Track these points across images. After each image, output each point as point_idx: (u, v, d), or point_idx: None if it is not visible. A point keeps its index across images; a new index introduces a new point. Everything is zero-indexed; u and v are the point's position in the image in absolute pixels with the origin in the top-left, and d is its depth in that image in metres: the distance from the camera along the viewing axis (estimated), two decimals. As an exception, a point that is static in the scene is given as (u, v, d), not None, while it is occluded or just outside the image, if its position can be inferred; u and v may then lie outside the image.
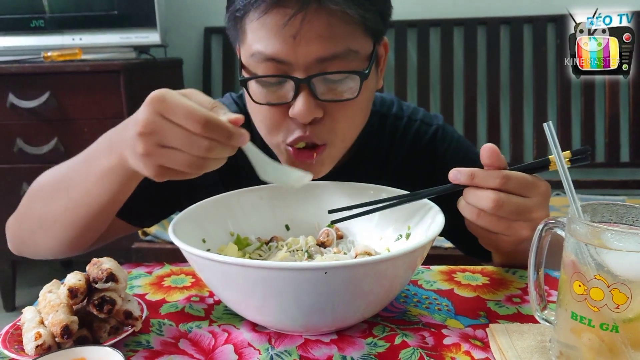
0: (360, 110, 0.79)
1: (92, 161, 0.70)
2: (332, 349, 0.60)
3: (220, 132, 0.56)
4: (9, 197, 2.09)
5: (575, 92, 2.29)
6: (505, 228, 0.64)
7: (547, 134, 0.55)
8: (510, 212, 0.63)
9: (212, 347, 0.61)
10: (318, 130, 0.75)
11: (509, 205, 0.62)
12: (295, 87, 0.71)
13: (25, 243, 0.84)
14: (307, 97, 0.71)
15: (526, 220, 0.64)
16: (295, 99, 0.72)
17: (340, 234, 0.81)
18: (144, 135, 0.57)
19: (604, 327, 0.49)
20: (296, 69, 0.71)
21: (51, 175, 0.80)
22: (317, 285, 0.56)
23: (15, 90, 2.01)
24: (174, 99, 0.56)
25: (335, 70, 0.72)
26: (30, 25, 2.18)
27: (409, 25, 2.36)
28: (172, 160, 0.58)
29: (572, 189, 0.53)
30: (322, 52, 0.70)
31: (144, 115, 0.56)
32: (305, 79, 0.71)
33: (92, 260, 0.64)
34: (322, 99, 0.73)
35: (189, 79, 2.52)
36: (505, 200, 0.62)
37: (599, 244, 0.49)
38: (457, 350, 0.59)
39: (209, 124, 0.55)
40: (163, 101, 0.56)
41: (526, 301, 0.70)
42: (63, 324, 0.56)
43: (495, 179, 0.63)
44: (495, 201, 0.62)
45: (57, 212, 0.76)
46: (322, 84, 0.72)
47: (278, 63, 0.71)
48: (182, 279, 0.79)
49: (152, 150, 0.57)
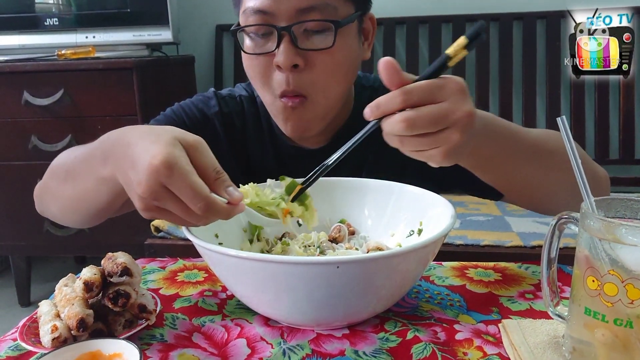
0: (339, 64, 0.84)
1: (90, 163, 0.70)
2: (344, 344, 0.60)
3: (219, 214, 0.57)
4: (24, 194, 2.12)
5: (589, 88, 2.27)
6: (432, 142, 0.60)
7: (560, 128, 0.55)
8: (427, 124, 0.58)
9: (225, 341, 0.61)
10: (300, 80, 0.82)
11: (421, 120, 0.58)
12: (278, 35, 0.80)
13: (48, 210, 0.90)
14: (288, 45, 0.79)
15: (451, 126, 0.59)
16: (278, 47, 0.80)
17: (352, 229, 0.81)
18: (145, 199, 0.56)
19: (618, 323, 0.49)
20: (279, 20, 0.80)
21: (65, 160, 0.82)
22: (329, 280, 0.56)
23: (30, 88, 2.04)
24: (181, 174, 0.54)
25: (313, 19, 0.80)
26: (45, 24, 2.21)
27: (421, 21, 2.35)
28: (168, 218, 0.59)
29: (586, 184, 0.53)
30: (301, 3, 0.79)
31: (147, 182, 0.54)
32: (286, 27, 0.79)
33: (106, 255, 0.64)
34: (302, 47, 0.80)
35: (201, 76, 2.53)
36: (414, 116, 0.58)
37: (613, 239, 0.48)
38: (469, 346, 0.59)
39: (210, 208, 0.55)
40: (170, 175, 0.54)
41: (539, 297, 0.70)
42: (79, 316, 0.57)
43: (396, 98, 0.59)
44: (404, 121, 0.58)
45: (67, 199, 0.80)
46: (301, 34, 0.80)
47: (264, 15, 0.80)
48: (195, 274, 0.79)
49: (150, 208, 0.58)
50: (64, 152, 0.85)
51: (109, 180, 0.66)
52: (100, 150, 0.67)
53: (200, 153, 0.57)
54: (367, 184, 0.82)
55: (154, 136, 0.57)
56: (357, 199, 0.82)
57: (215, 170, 0.57)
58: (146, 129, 0.61)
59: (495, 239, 1.58)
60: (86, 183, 0.73)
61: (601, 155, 2.26)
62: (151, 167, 0.54)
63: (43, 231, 2.10)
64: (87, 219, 0.82)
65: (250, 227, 0.80)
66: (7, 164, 2.13)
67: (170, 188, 0.55)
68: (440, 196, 0.73)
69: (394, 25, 2.36)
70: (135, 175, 0.56)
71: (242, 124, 0.98)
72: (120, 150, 0.61)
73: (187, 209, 0.56)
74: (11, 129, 2.09)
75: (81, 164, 0.74)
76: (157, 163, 0.53)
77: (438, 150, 0.61)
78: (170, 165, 0.53)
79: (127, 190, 0.60)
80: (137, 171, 0.56)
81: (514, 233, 1.63)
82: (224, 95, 1.00)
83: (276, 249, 0.76)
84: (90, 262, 0.66)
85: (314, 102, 0.84)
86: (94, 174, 0.69)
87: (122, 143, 0.61)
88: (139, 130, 0.61)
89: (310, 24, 0.80)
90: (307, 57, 0.81)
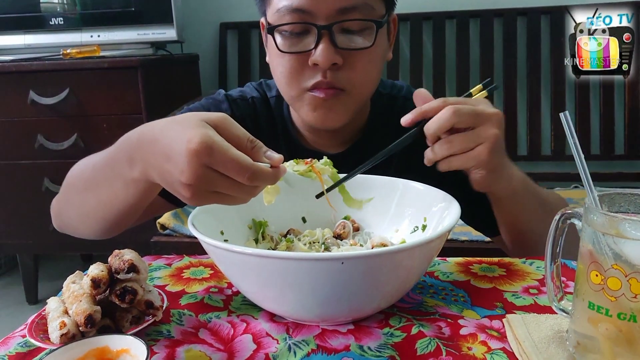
0: (374, 63, 0.85)
1: (115, 168, 0.70)
2: (349, 339, 0.60)
3: (266, 180, 0.58)
4: (31, 192, 2.15)
5: (593, 84, 2.26)
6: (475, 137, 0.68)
7: (563, 124, 0.55)
8: (467, 114, 0.67)
9: (231, 337, 0.62)
10: (337, 76, 0.81)
11: (463, 108, 0.67)
12: (318, 34, 0.79)
13: (67, 226, 0.89)
14: (327, 44, 0.79)
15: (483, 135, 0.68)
16: (317, 46, 0.79)
17: (357, 226, 0.82)
18: (192, 186, 0.56)
19: (622, 317, 0.49)
20: (318, 18, 0.79)
21: (83, 170, 0.81)
22: (334, 276, 0.57)
23: (35, 87, 2.05)
24: (221, 151, 0.54)
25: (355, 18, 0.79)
26: (50, 24, 2.22)
27: (424, 17, 2.34)
28: (219, 201, 0.59)
29: (589, 179, 0.53)
30: (342, 2, 0.78)
31: (191, 168, 0.54)
32: (327, 25, 0.78)
33: (113, 252, 0.65)
34: (341, 46, 0.80)
35: (205, 75, 2.54)
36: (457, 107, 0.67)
37: (616, 234, 0.49)
38: (473, 341, 0.59)
39: (256, 175, 0.56)
40: (211, 154, 0.54)
41: (543, 292, 0.70)
42: (87, 313, 0.58)
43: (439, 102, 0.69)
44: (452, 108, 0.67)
45: (90, 207, 0.79)
46: (341, 33, 0.80)
47: (302, 13, 0.79)
48: (201, 271, 0.80)
49: (199, 195, 0.57)
50: (79, 164, 0.84)
51: (138, 181, 0.66)
52: (124, 153, 0.66)
53: (229, 128, 0.58)
54: (372, 180, 0.82)
55: (179, 124, 0.57)
56: (361, 195, 0.82)
57: (249, 140, 0.58)
58: (167, 121, 0.61)
59: (500, 235, 1.57)
60: (111, 188, 0.72)
61: (606, 150, 2.25)
62: (190, 152, 0.54)
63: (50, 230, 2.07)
64: (109, 226, 0.81)
65: (255, 224, 0.80)
66: (14, 162, 2.14)
67: (214, 167, 0.55)
68: (445, 192, 0.74)
69: (398, 22, 2.35)
70: (174, 166, 0.56)
71: (255, 127, 0.96)
72: (147, 148, 0.61)
73: (235, 184, 0.56)
74: (17, 128, 2.11)
75: (103, 171, 0.74)
76: (194, 146, 0.53)
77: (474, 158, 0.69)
78: (209, 145, 0.54)
79: (167, 184, 0.59)
80: (175, 162, 0.56)
81: (519, 229, 1.63)
82: (235, 97, 0.98)
83: (281, 246, 0.76)
84: (97, 260, 0.67)
85: (351, 95, 0.84)
86: (120, 178, 0.68)
87: (146, 141, 0.61)
88: (160, 124, 0.61)
89: (350, 23, 0.80)
90: (346, 56, 0.81)
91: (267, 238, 0.79)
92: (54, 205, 0.90)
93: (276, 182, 0.60)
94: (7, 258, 2.74)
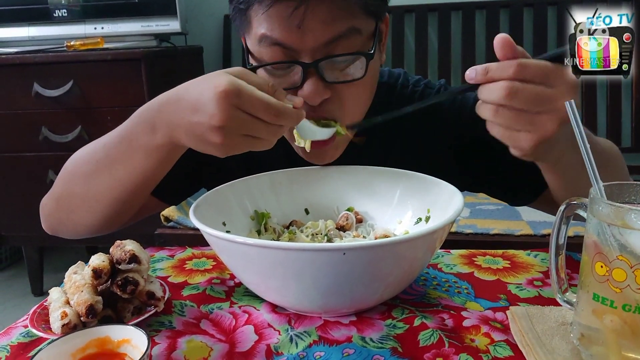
0: (367, 89, 0.80)
1: (133, 140, 0.71)
2: (351, 330, 0.60)
3: (292, 120, 0.63)
4: (35, 185, 2.15)
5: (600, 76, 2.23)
6: (527, 122, 0.58)
7: (568, 112, 0.54)
8: (529, 100, 0.57)
9: (233, 328, 0.62)
10: (327, 108, 0.76)
11: (525, 93, 0.57)
12: (303, 72, 0.72)
13: (62, 222, 0.86)
14: (315, 81, 0.72)
15: (550, 112, 0.58)
16: (304, 83, 0.73)
17: (360, 217, 0.81)
18: (224, 129, 0.60)
19: (627, 309, 0.48)
20: (303, 54, 0.72)
21: (88, 154, 0.80)
22: (336, 267, 0.56)
23: (39, 80, 2.05)
24: (249, 92, 0.59)
25: (341, 52, 0.72)
26: (54, 15, 2.21)
27: (430, 9, 2.33)
28: (249, 145, 0.63)
29: (595, 169, 0.52)
30: (326, 36, 0.71)
31: (221, 109, 0.58)
32: (312, 63, 0.72)
33: (115, 242, 0.65)
34: (330, 80, 0.73)
35: (209, 67, 2.53)
36: (520, 88, 0.57)
37: (622, 225, 0.48)
38: (476, 332, 0.59)
39: (283, 114, 0.61)
40: (239, 95, 0.58)
41: (547, 284, 0.69)
42: (88, 303, 0.58)
43: (509, 68, 0.57)
44: (508, 88, 0.57)
45: (100, 189, 0.77)
46: (329, 66, 0.73)
47: (285, 48, 0.72)
48: (204, 262, 0.80)
49: (231, 140, 0.61)
50: (77, 153, 0.82)
51: (162, 147, 0.69)
52: (144, 122, 0.70)
53: (248, 76, 0.62)
54: (375, 172, 0.82)
55: (203, 80, 0.62)
56: (364, 187, 0.82)
57: (270, 85, 0.63)
58: (188, 82, 0.65)
59: (504, 228, 1.57)
60: (129, 161, 0.72)
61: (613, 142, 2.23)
62: (219, 95, 0.58)
63: (55, 222, 2.12)
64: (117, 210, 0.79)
65: (257, 216, 0.80)
66: (18, 155, 2.15)
67: (242, 108, 0.59)
68: (448, 183, 0.73)
69: (403, 13, 2.34)
70: (203, 115, 0.60)
71: None
72: (171, 108, 0.65)
73: (263, 124, 0.60)
74: (22, 120, 2.11)
75: (118, 147, 0.74)
76: (223, 89, 0.58)
77: (530, 135, 0.59)
78: (236, 87, 0.58)
79: (196, 137, 0.63)
80: (204, 110, 0.60)
81: (524, 222, 1.62)
82: None
83: (283, 238, 0.76)
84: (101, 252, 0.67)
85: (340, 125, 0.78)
86: (140, 149, 0.71)
87: (170, 102, 0.66)
88: (182, 86, 0.65)
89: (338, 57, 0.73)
90: (336, 88, 0.75)
91: (270, 230, 0.79)
92: (45, 204, 0.87)
93: (299, 122, 0.66)
94: (13, 250, 2.75)
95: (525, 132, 0.59)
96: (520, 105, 0.57)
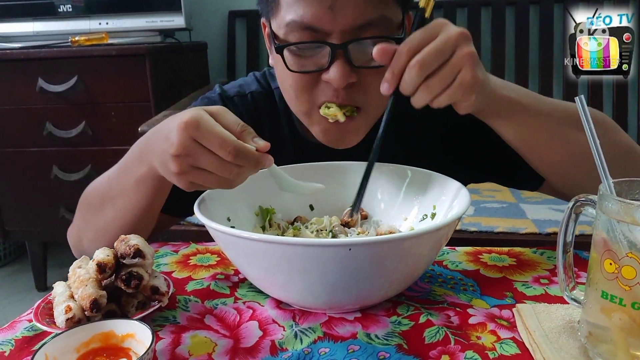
0: None
1: (128, 171, 0.75)
2: (356, 327, 0.60)
3: (249, 161, 0.61)
4: (40, 180, 2.16)
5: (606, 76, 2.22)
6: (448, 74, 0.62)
7: (578, 108, 0.53)
8: (435, 55, 0.62)
9: (237, 323, 0.61)
10: (352, 94, 0.75)
11: (428, 54, 0.61)
12: (332, 53, 0.72)
13: (85, 252, 0.84)
14: (343, 63, 0.72)
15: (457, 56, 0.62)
16: (331, 65, 0.72)
17: (365, 214, 0.81)
18: (179, 157, 0.61)
19: (636, 307, 0.48)
20: (332, 36, 0.72)
21: (97, 187, 0.84)
22: (341, 263, 0.56)
23: (44, 75, 2.05)
24: (208, 126, 0.60)
25: (370, 36, 0.72)
26: (58, 11, 2.21)
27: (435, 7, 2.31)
28: (203, 179, 0.63)
29: (605, 165, 0.51)
30: (358, 19, 0.71)
31: (178, 139, 0.60)
32: (341, 44, 0.71)
33: (119, 237, 0.65)
34: (357, 65, 0.73)
35: (214, 63, 2.53)
36: (420, 57, 0.61)
37: (632, 222, 0.47)
38: (482, 330, 0.58)
39: (240, 154, 0.60)
40: (197, 128, 0.59)
41: (554, 282, 0.69)
42: (92, 297, 0.57)
43: (401, 53, 0.63)
44: (415, 64, 0.62)
45: (107, 221, 0.79)
46: (357, 50, 0.72)
47: (313, 31, 0.72)
48: (208, 258, 0.80)
49: (185, 170, 0.62)
50: (91, 185, 0.86)
51: (147, 177, 0.71)
52: (135, 154, 0.73)
53: (222, 115, 0.63)
54: (380, 168, 0.81)
55: (181, 112, 0.63)
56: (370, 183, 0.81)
57: (239, 125, 0.62)
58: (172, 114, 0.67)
59: (509, 226, 1.56)
60: (125, 192, 0.75)
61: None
62: (180, 125, 0.60)
63: (59, 217, 2.12)
64: None
65: (261, 211, 0.80)
66: (23, 150, 2.15)
67: (199, 141, 0.60)
68: (454, 180, 0.72)
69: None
70: (168, 143, 0.62)
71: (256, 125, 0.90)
72: (153, 138, 0.68)
73: (219, 161, 0.60)
74: (26, 115, 2.11)
75: (117, 179, 0.78)
76: (184, 120, 0.59)
77: (460, 87, 0.63)
78: (197, 119, 0.59)
79: (163, 165, 0.64)
80: (169, 138, 0.61)
81: (529, 220, 1.61)
82: (232, 95, 0.94)
83: (288, 234, 0.76)
84: (105, 246, 0.66)
85: (367, 113, 0.78)
86: (132, 179, 0.73)
87: (154, 132, 0.68)
88: (166, 119, 0.67)
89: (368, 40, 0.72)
90: (362, 73, 0.74)
91: (274, 225, 0.78)
92: (71, 234, 0.90)
93: (258, 169, 0.63)
94: (17, 245, 2.76)
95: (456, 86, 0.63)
96: (433, 66, 0.62)
